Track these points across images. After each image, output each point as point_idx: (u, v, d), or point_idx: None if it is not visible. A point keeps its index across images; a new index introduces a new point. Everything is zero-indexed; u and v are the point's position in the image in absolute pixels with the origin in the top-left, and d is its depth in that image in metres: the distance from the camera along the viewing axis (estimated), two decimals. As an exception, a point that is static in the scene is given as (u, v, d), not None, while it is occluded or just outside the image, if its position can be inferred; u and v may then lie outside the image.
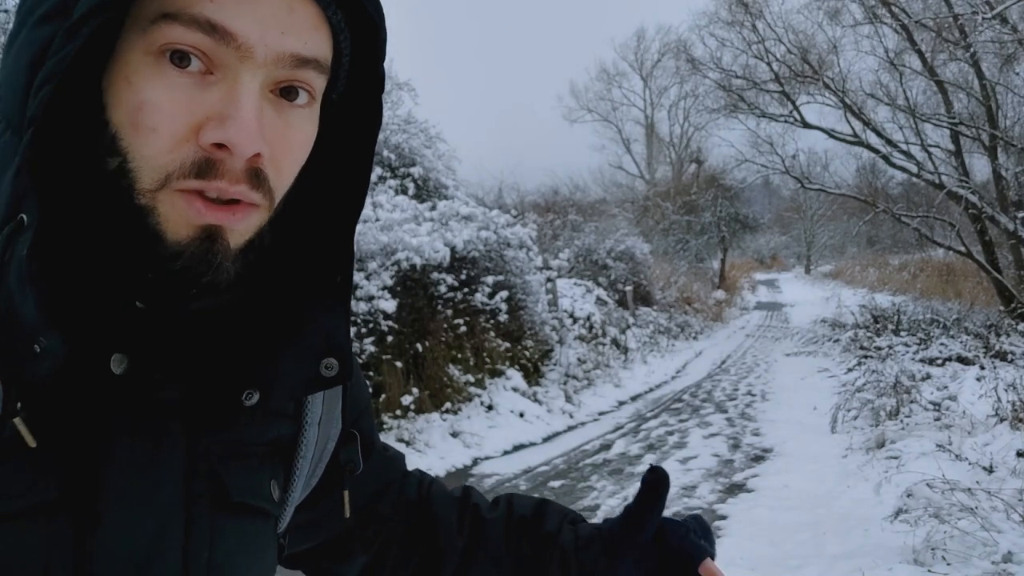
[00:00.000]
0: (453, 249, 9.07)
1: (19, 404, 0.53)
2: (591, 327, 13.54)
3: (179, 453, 0.61)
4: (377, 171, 9.97)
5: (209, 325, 0.63)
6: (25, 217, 0.53)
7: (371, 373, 7.97)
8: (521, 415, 9.23)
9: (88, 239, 0.58)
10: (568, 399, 10.44)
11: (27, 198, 0.54)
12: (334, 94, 0.67)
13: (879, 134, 16.44)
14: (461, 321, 9.39)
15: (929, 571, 4.17)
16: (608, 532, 0.91)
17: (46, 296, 0.53)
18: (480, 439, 8.20)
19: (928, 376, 9.28)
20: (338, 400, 0.79)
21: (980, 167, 16.31)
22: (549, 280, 12.22)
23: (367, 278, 8.16)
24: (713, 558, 0.89)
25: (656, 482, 0.89)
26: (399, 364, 8.15)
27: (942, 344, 11.23)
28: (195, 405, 0.62)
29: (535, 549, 0.91)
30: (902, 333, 13.39)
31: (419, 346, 8.53)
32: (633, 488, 6.53)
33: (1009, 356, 10.15)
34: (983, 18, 11.69)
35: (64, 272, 0.57)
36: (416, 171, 10.51)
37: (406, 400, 8.01)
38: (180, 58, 0.55)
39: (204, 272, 0.58)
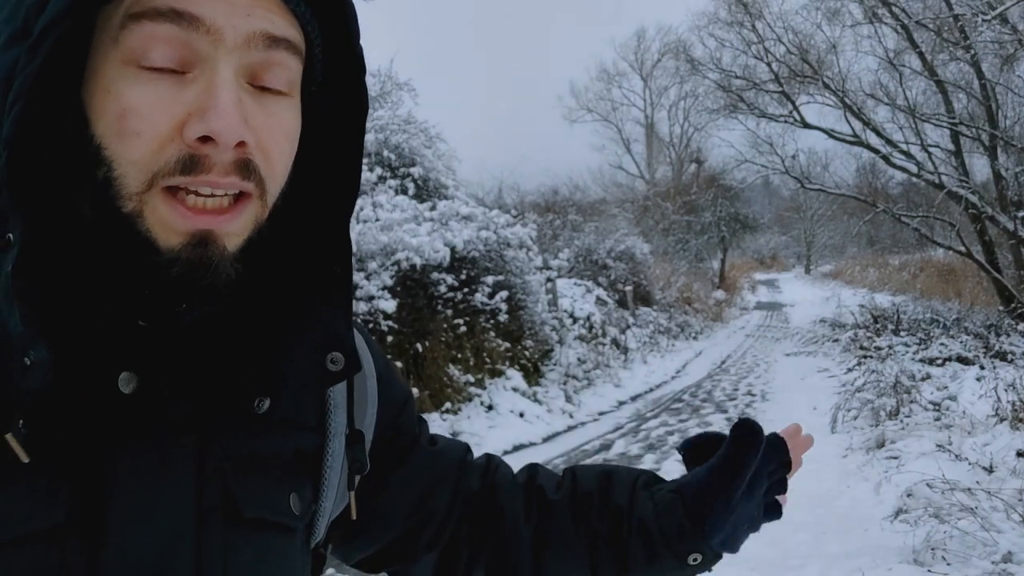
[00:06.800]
0: (453, 249, 9.07)
1: (21, 421, 0.53)
2: (591, 327, 13.54)
3: (189, 470, 0.60)
4: (377, 171, 9.96)
5: (211, 334, 0.62)
6: (11, 235, 0.54)
7: (371, 373, 7.97)
8: (521, 415, 9.23)
9: (81, 255, 0.58)
10: (568, 399, 10.44)
11: (11, 216, 0.54)
12: (312, 85, 0.66)
13: (879, 134, 16.44)
14: (461, 321, 9.39)
15: (929, 571, 4.17)
16: (691, 494, 0.85)
17: (34, 310, 0.54)
18: (480, 439, 8.20)
19: (928, 376, 9.28)
20: (364, 403, 0.77)
21: (980, 167, 16.32)
22: (549, 280, 12.22)
23: (367, 278, 8.16)
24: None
25: (748, 441, 0.83)
26: (399, 364, 8.15)
27: (942, 344, 11.23)
28: (205, 419, 0.61)
29: (608, 526, 0.86)
30: (902, 333, 13.39)
31: (419, 346, 8.53)
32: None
33: (1009, 356, 10.15)
34: (983, 18, 11.69)
35: (58, 289, 0.57)
36: (416, 171, 10.51)
37: (406, 400, 8.02)
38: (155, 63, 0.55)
39: (202, 277, 0.57)
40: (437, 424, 8.13)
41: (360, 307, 8.00)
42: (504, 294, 10.07)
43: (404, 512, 0.83)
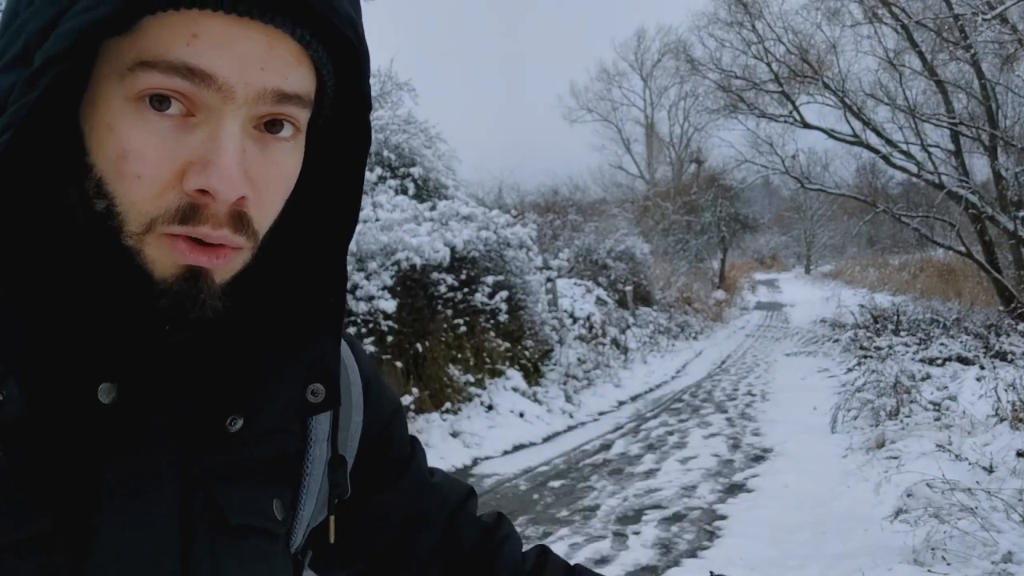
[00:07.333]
0: (453, 249, 9.07)
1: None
2: (591, 327, 13.54)
3: (173, 478, 0.60)
4: (377, 171, 9.96)
5: (196, 350, 0.62)
6: None
7: (371, 373, 7.96)
8: (521, 415, 9.23)
9: (69, 276, 0.58)
10: (568, 399, 10.44)
11: None
12: (320, 119, 0.65)
13: (879, 134, 16.45)
14: (461, 321, 9.39)
15: (929, 571, 4.17)
16: None
17: (7, 344, 0.54)
18: (480, 439, 8.20)
19: (928, 376, 9.28)
20: (349, 419, 0.77)
21: (980, 167, 16.33)
22: (549, 280, 12.22)
23: (367, 278, 8.16)
24: None
25: None
26: (399, 364, 8.15)
27: (942, 344, 11.23)
28: (186, 430, 0.61)
29: None
30: (902, 333, 13.39)
31: (419, 346, 8.53)
32: (633, 488, 6.54)
33: (1009, 356, 10.15)
34: (983, 18, 11.69)
35: (41, 308, 0.57)
36: (416, 171, 10.50)
37: (406, 400, 8.01)
38: (160, 101, 0.55)
39: (190, 310, 0.58)
40: (437, 424, 8.13)
41: (360, 307, 8.00)
42: (504, 294, 10.07)
43: (387, 535, 0.82)
